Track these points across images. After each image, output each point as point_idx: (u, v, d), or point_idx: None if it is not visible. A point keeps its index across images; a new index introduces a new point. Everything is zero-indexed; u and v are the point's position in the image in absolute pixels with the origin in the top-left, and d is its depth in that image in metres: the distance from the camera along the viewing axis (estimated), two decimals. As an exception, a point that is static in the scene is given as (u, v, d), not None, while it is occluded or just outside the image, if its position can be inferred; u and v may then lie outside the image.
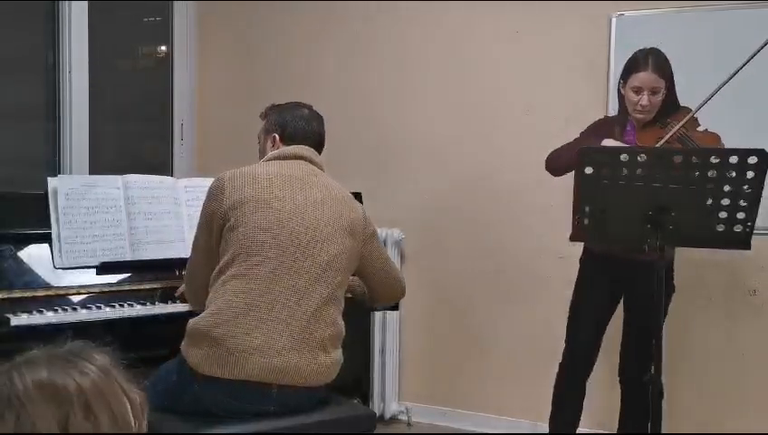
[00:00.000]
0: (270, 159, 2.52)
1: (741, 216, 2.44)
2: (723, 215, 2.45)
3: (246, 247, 2.30)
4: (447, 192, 3.95)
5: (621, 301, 3.12)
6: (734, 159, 2.39)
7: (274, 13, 4.29)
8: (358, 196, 3.25)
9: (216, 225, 2.38)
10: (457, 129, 3.91)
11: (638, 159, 2.48)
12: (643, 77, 2.86)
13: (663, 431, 2.54)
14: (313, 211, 2.38)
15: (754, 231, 2.47)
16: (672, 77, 2.92)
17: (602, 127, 3.06)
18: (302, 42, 4.23)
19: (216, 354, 2.23)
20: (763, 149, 2.37)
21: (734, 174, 2.39)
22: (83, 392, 1.02)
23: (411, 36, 4.00)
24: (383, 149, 4.06)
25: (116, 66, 4.33)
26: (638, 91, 2.87)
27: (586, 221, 2.60)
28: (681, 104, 2.97)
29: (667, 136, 2.81)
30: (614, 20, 3.55)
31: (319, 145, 2.63)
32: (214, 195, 2.41)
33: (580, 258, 3.16)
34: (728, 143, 2.87)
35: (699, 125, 2.91)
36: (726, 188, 2.41)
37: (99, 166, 3.94)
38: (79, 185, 2.78)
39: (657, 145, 2.80)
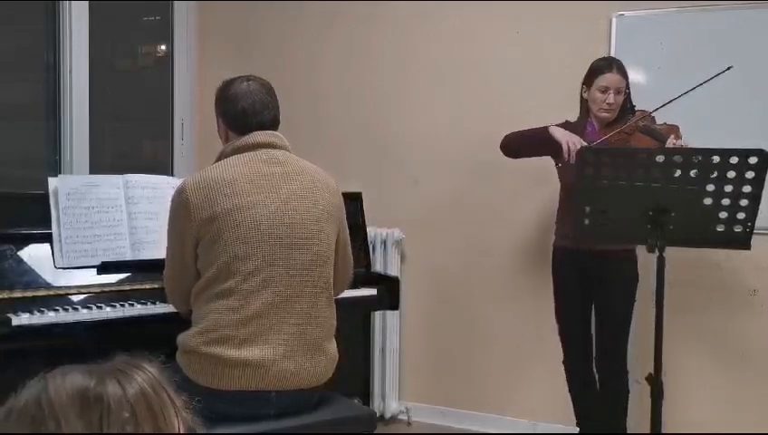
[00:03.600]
0: (230, 154, 2.35)
1: (741, 216, 2.44)
2: (723, 215, 2.46)
3: (227, 265, 2.21)
4: (447, 192, 3.95)
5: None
6: (734, 160, 2.40)
7: (274, 13, 4.29)
8: (358, 196, 3.25)
9: (188, 242, 2.28)
10: (457, 129, 3.91)
11: (638, 159, 2.48)
12: (610, 77, 3.09)
13: (663, 431, 2.55)
14: (289, 211, 2.27)
15: (754, 231, 2.48)
16: (628, 82, 3.14)
17: (565, 128, 3.16)
18: (303, 42, 4.23)
19: (211, 369, 2.20)
20: (762, 150, 2.38)
21: (733, 174, 2.40)
22: (128, 401, 0.99)
23: (411, 37, 4.01)
24: (383, 150, 4.06)
25: (116, 66, 4.33)
26: (604, 90, 3.09)
27: (586, 221, 2.61)
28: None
29: (626, 126, 3.01)
30: (614, 20, 3.55)
31: (273, 121, 2.42)
32: (179, 211, 2.29)
33: (552, 260, 3.28)
34: (725, 143, 2.86)
35: (655, 122, 3.05)
36: (726, 188, 2.41)
37: (99, 166, 3.94)
38: (79, 185, 2.77)
39: (618, 131, 3.01)
